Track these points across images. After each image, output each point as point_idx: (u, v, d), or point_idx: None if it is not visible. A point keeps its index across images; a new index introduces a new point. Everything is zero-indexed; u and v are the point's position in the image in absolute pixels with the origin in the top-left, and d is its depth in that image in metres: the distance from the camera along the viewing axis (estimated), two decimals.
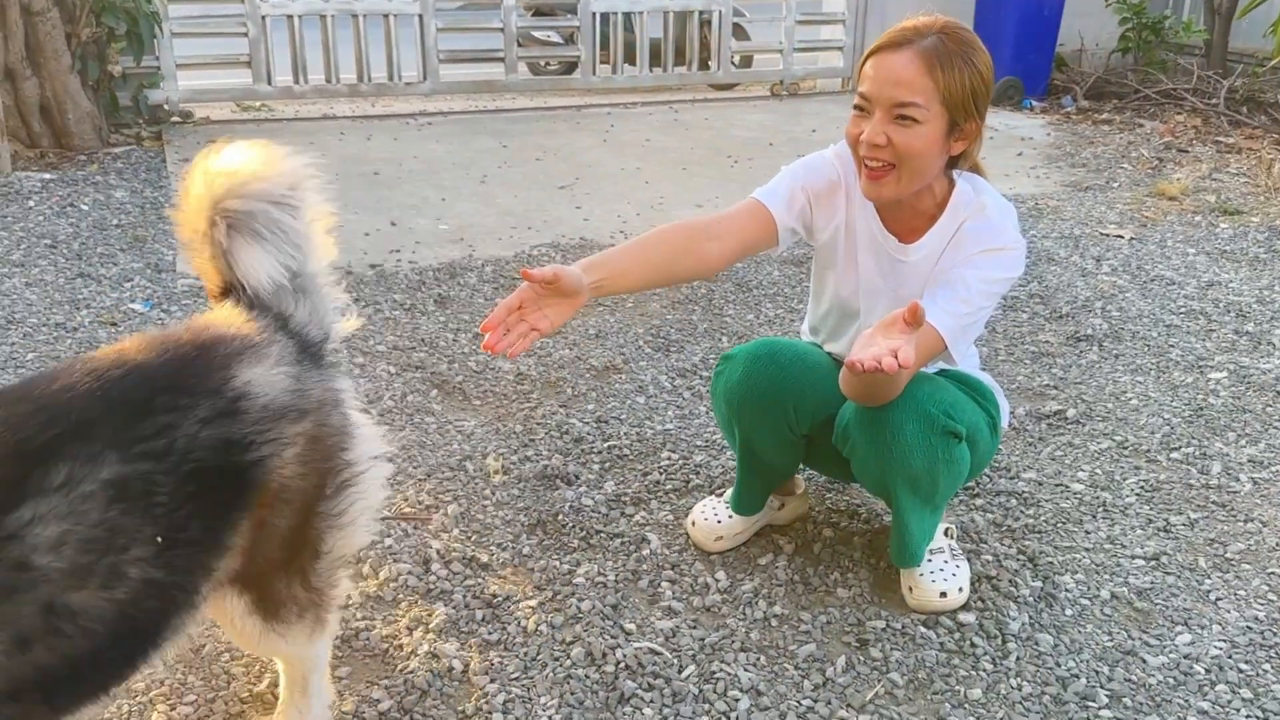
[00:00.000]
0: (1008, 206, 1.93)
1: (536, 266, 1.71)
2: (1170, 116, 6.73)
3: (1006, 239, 1.87)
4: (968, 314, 1.84)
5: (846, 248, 2.01)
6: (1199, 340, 3.37)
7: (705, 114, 6.93)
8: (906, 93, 1.75)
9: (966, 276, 1.84)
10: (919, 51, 1.76)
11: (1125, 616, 2.04)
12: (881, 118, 1.78)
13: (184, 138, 5.83)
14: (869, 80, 1.80)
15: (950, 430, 1.84)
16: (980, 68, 1.79)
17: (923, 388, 1.85)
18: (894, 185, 1.82)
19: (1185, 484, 2.52)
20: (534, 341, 1.70)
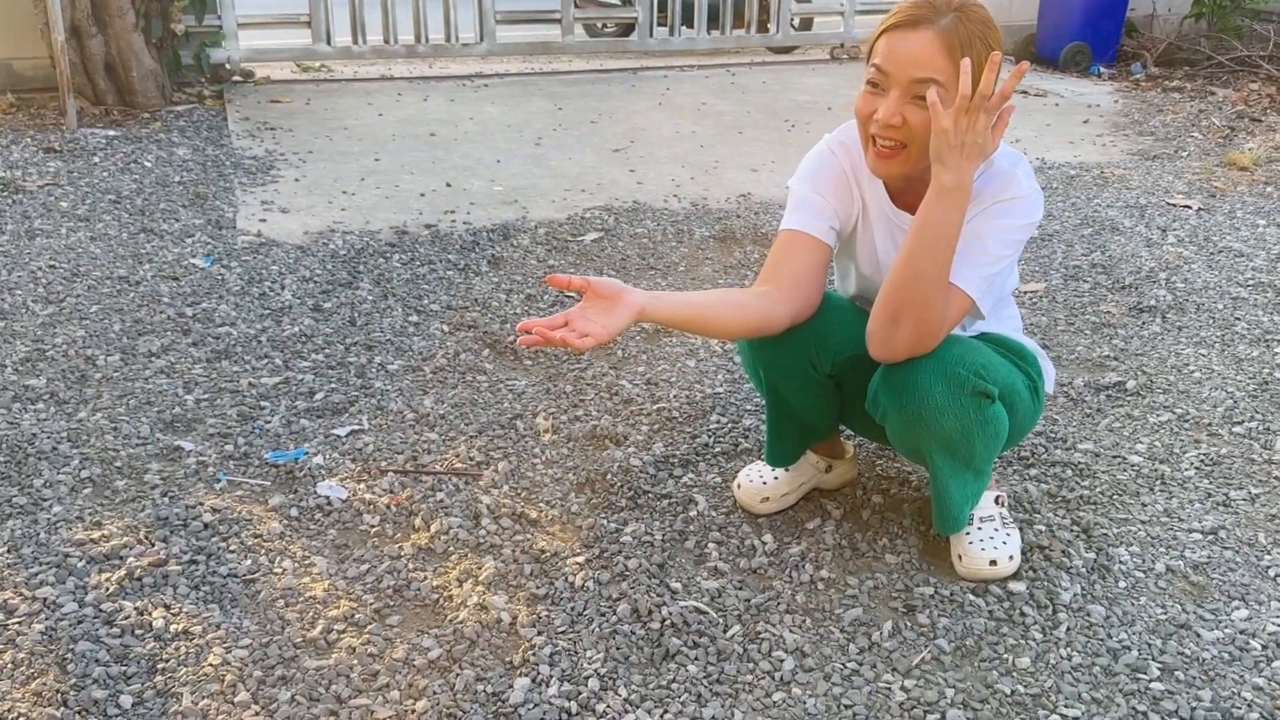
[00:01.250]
0: (1016, 155, 1.88)
1: (564, 274, 1.60)
2: (1244, 84, 6.52)
3: (1018, 187, 1.82)
4: (989, 265, 1.80)
5: (864, 231, 1.98)
6: (1266, 314, 3.28)
7: (763, 77, 6.85)
8: (926, 70, 1.70)
9: (982, 230, 1.80)
10: (939, 32, 1.71)
11: (1180, 590, 2.00)
12: (898, 96, 1.73)
13: (245, 97, 5.91)
14: (884, 56, 1.75)
15: (981, 390, 1.80)
16: (995, 46, 1.75)
17: (952, 350, 1.81)
18: (902, 163, 1.79)
19: (1247, 458, 2.47)
20: (588, 346, 1.58)
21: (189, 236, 3.73)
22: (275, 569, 2.00)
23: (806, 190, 1.94)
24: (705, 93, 6.37)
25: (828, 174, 1.95)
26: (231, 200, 4.13)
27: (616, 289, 1.65)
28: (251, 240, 3.71)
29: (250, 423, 2.53)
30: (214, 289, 3.29)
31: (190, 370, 2.78)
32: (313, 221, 3.93)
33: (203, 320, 3.07)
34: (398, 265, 3.53)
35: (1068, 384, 2.81)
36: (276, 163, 4.66)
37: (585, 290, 1.63)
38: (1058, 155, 5.07)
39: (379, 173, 4.56)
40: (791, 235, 1.92)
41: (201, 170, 4.50)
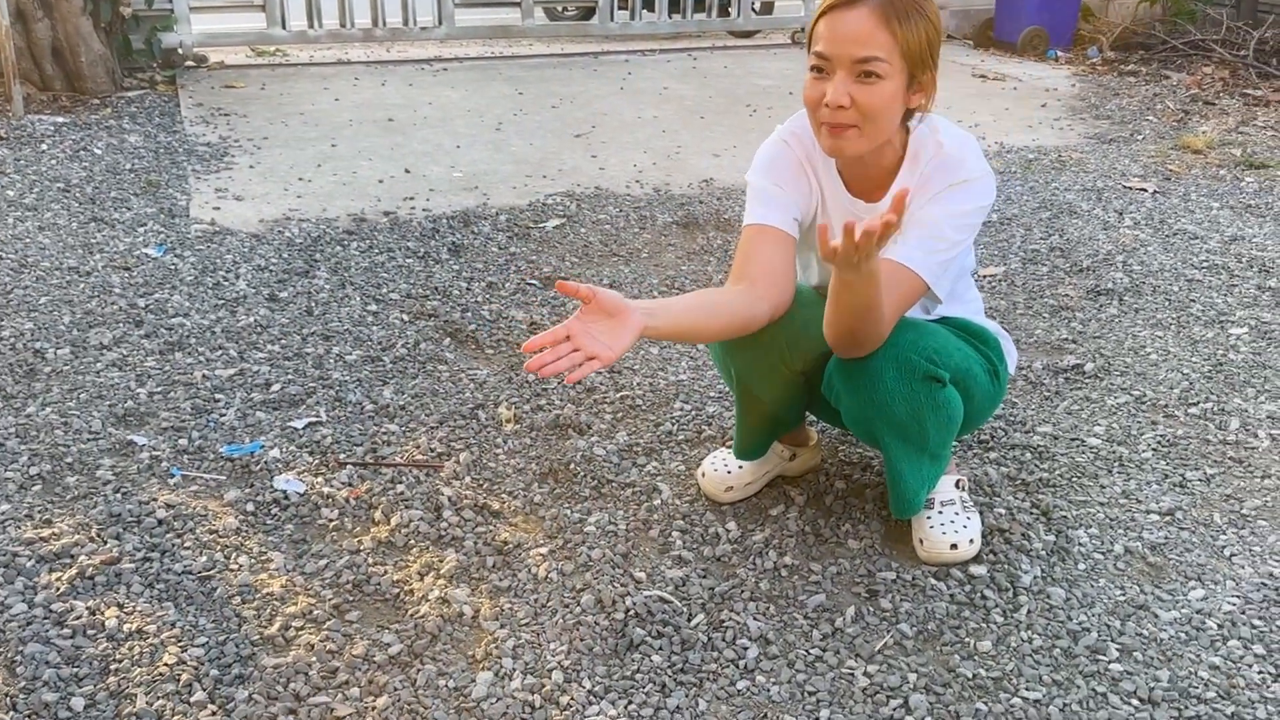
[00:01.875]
0: (966, 137, 1.88)
1: (572, 282, 1.55)
2: (1197, 68, 6.60)
3: (968, 170, 1.82)
4: (943, 250, 1.81)
5: (823, 220, 1.97)
6: (1220, 295, 3.32)
7: (725, 61, 6.83)
8: (868, 48, 1.70)
9: (934, 214, 1.81)
10: (873, 7, 1.71)
11: (1138, 571, 2.02)
12: (844, 77, 1.73)
13: (198, 82, 5.80)
14: (825, 40, 1.74)
15: (932, 375, 1.81)
16: (932, 18, 1.75)
17: (905, 335, 1.82)
18: (857, 141, 1.78)
19: (1203, 439, 2.50)
20: (595, 369, 1.55)
21: (141, 225, 3.66)
22: (231, 565, 1.97)
23: (765, 183, 1.93)
24: (667, 77, 6.34)
25: (784, 165, 1.94)
26: (185, 188, 4.06)
27: (619, 305, 1.60)
28: (205, 229, 3.64)
29: (205, 416, 2.48)
30: (167, 279, 3.23)
31: (143, 363, 2.72)
32: (268, 209, 3.87)
33: (155, 311, 3.01)
34: (355, 253, 3.48)
35: (1027, 367, 2.83)
36: (231, 149, 4.58)
37: (590, 301, 1.58)
38: (1016, 139, 5.10)
39: (336, 159, 4.50)
40: (757, 230, 1.90)
41: (154, 158, 4.41)
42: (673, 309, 1.73)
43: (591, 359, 1.55)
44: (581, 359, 1.55)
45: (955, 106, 5.63)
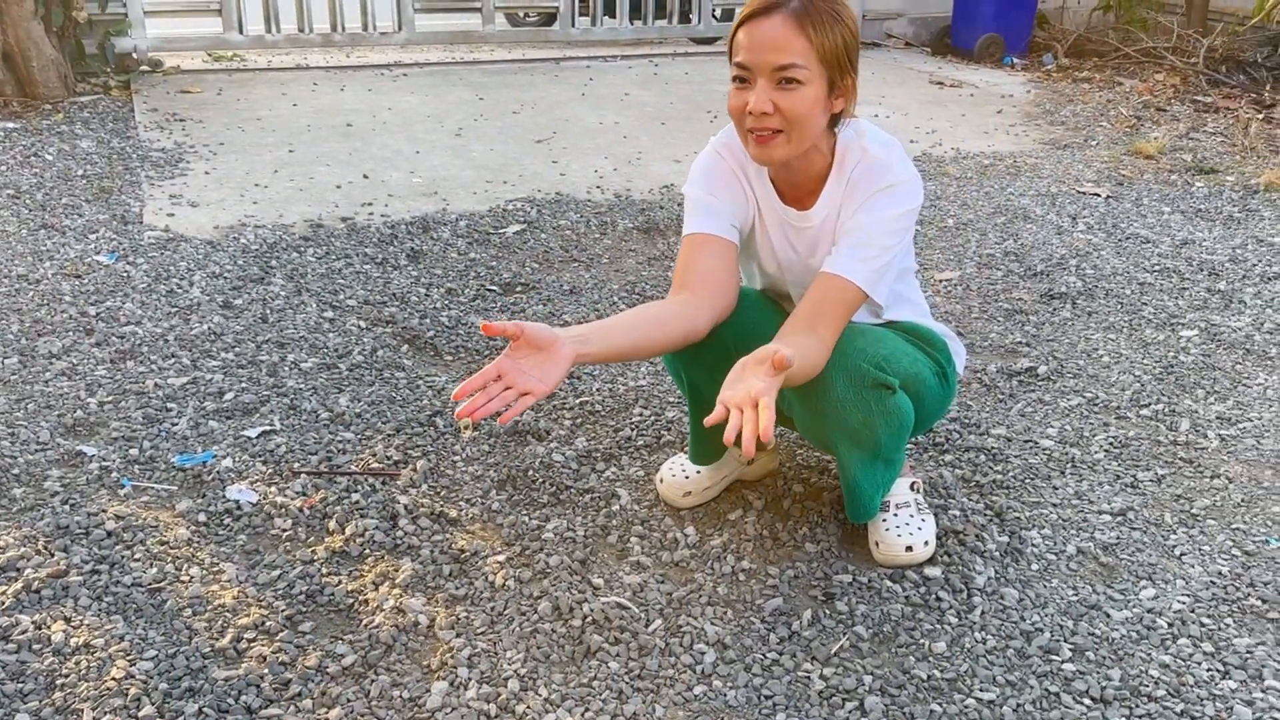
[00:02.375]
0: (891, 141, 1.91)
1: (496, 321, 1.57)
2: (1149, 75, 6.71)
3: (894, 174, 1.85)
4: (876, 257, 1.83)
5: (760, 230, 2.00)
6: (1171, 298, 3.37)
7: (686, 68, 6.85)
8: (785, 55, 1.73)
9: (865, 221, 1.83)
10: (788, 14, 1.73)
11: (1090, 571, 2.05)
12: (765, 85, 1.75)
13: (153, 87, 5.73)
14: (744, 49, 1.76)
15: (881, 383, 1.82)
16: (848, 22, 1.78)
17: (854, 343, 1.83)
18: (785, 147, 1.80)
19: (1154, 440, 2.53)
20: (529, 405, 1.57)
21: (92, 232, 3.60)
22: (182, 577, 1.94)
23: (701, 194, 1.94)
24: (628, 83, 6.35)
25: (718, 175, 1.95)
26: (138, 194, 4.00)
27: (549, 338, 1.61)
28: (159, 235, 3.60)
29: (156, 425, 2.45)
30: (119, 287, 3.18)
31: (93, 372, 2.68)
32: (223, 215, 3.82)
33: (106, 319, 2.97)
34: (312, 259, 3.45)
35: (981, 370, 2.86)
36: (186, 155, 4.52)
37: (518, 337, 1.58)
38: (972, 145, 5.16)
39: (293, 165, 4.46)
40: (695, 238, 1.91)
41: (106, 163, 4.35)
42: (607, 332, 1.73)
43: (525, 395, 1.57)
44: (514, 396, 1.56)
45: (913, 113, 5.68)
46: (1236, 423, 2.62)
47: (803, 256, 1.97)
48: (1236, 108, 5.91)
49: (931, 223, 4.03)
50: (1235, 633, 1.88)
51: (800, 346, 1.70)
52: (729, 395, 1.54)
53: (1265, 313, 3.27)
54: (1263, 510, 2.26)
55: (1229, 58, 6.90)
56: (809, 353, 1.73)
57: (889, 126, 5.16)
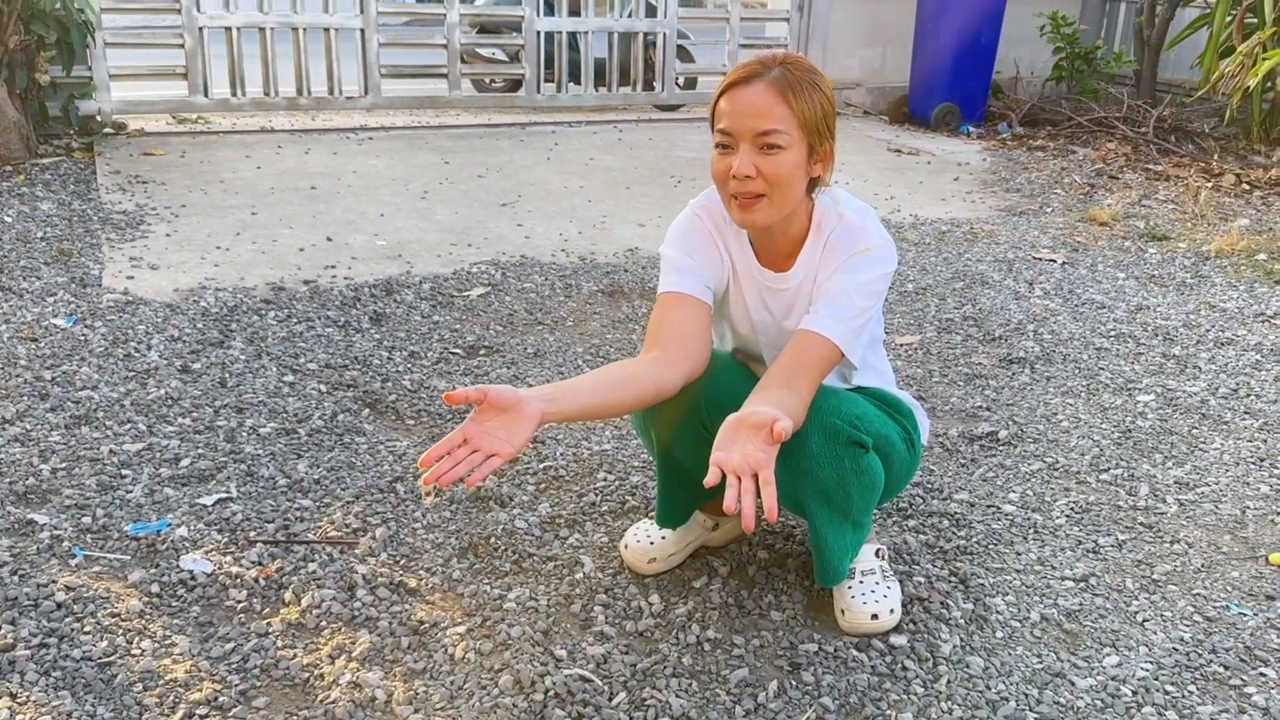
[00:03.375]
0: (865, 208, 1.97)
1: (459, 389, 1.56)
2: (1102, 144, 6.89)
3: (869, 239, 1.90)
4: (854, 318, 1.87)
5: (735, 292, 2.03)
6: (1128, 363, 3.43)
7: (649, 134, 6.95)
8: (767, 121, 1.78)
9: (843, 283, 1.87)
10: (769, 82, 1.80)
11: (1054, 638, 2.05)
12: (747, 149, 1.80)
13: (116, 150, 5.71)
14: (727, 116, 1.82)
15: (855, 440, 1.84)
16: (825, 91, 1.85)
17: (829, 401, 1.86)
18: (767, 211, 1.84)
19: (1114, 505, 2.55)
20: (496, 467, 1.57)
21: (50, 295, 3.56)
22: (133, 650, 1.89)
23: (677, 254, 1.98)
24: (593, 148, 6.42)
25: (695, 237, 1.99)
26: (98, 257, 3.97)
27: (513, 399, 1.61)
28: (117, 299, 3.56)
29: (110, 493, 2.40)
30: (75, 350, 3.14)
31: (47, 437, 2.63)
32: (184, 278, 3.79)
33: (62, 384, 2.92)
34: (273, 323, 3.43)
35: (943, 434, 2.88)
36: (147, 217, 4.50)
37: (481, 402, 1.59)
38: (930, 211, 5.25)
39: (256, 227, 4.44)
40: (669, 296, 1.94)
41: (67, 225, 4.31)
42: (576, 390, 1.73)
43: (491, 456, 1.57)
44: (481, 459, 1.56)
45: (871, 180, 5.78)
46: (1195, 487, 2.65)
47: (777, 318, 2.00)
48: (1187, 176, 6.08)
49: (892, 287, 4.08)
50: (1199, 700, 1.88)
51: (783, 403, 1.72)
52: (725, 459, 1.55)
53: (1220, 377, 3.32)
54: (1222, 575, 2.28)
55: (1178, 128, 7.11)
56: (790, 409, 1.74)
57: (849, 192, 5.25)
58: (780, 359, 1.85)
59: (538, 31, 6.95)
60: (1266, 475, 2.72)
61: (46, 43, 5.39)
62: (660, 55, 7.36)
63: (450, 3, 6.68)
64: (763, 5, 8.33)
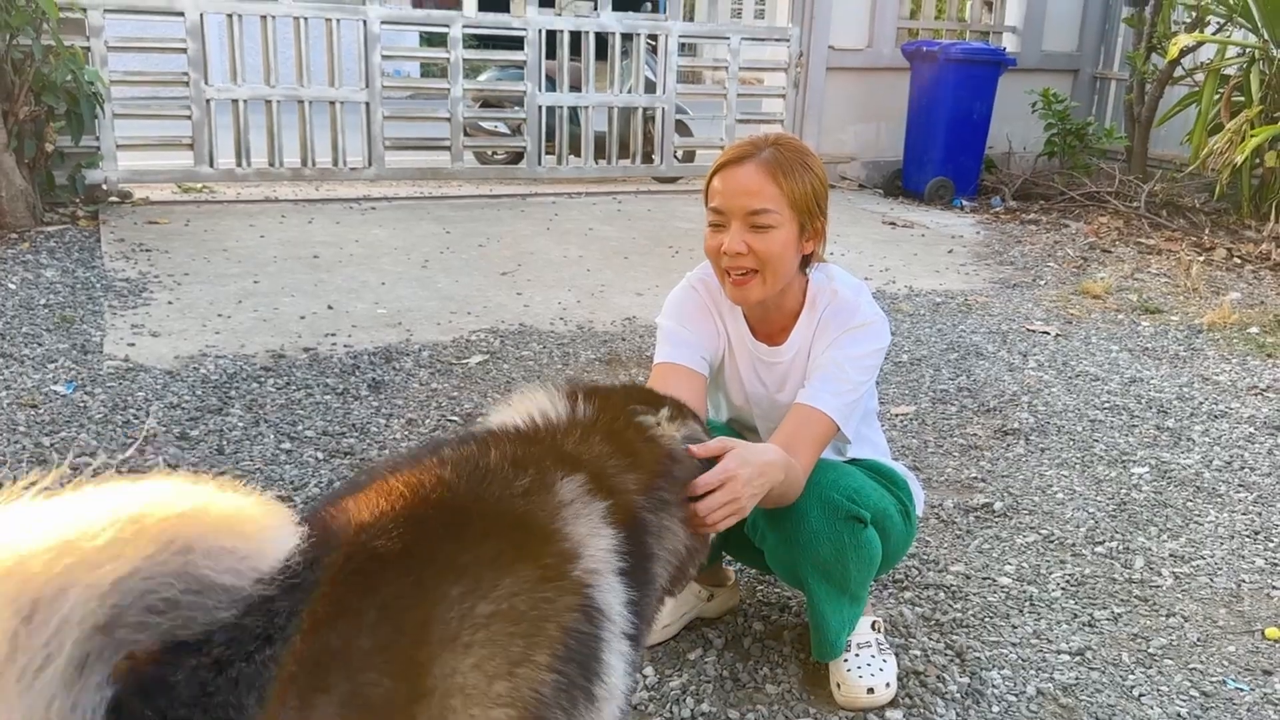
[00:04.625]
0: (858, 284, 2.01)
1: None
2: (1094, 218, 6.99)
3: (863, 315, 1.94)
4: (849, 392, 1.90)
5: (730, 364, 2.07)
6: (1122, 435, 3.45)
7: (648, 205, 7.05)
8: (758, 200, 1.84)
9: (837, 359, 1.91)
10: (760, 163, 1.86)
11: (1051, 713, 2.03)
12: (739, 227, 1.85)
13: (121, 218, 5.79)
14: (720, 195, 1.88)
15: (854, 515, 1.86)
16: (816, 170, 1.90)
17: (826, 475, 1.88)
18: (760, 287, 1.89)
19: (1109, 578, 2.55)
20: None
21: (51, 362, 3.58)
22: None
23: (673, 325, 2.01)
24: (592, 219, 6.51)
25: (692, 309, 2.02)
26: (100, 324, 4.00)
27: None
28: (118, 365, 3.58)
29: None
30: (75, 417, 3.15)
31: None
32: (184, 345, 3.82)
33: (61, 450, 2.93)
34: (272, 390, 3.45)
35: (938, 505, 2.88)
36: (150, 285, 4.55)
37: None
38: (924, 283, 5.31)
39: (257, 295, 4.49)
40: (665, 366, 1.97)
41: (70, 293, 4.36)
42: None
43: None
44: None
45: (866, 252, 5.86)
46: (1190, 560, 2.65)
47: (770, 391, 2.03)
48: (1178, 250, 6.16)
49: (887, 358, 4.12)
50: None
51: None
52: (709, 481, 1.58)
53: (1214, 450, 3.34)
54: (1218, 649, 2.28)
55: (1169, 202, 7.22)
56: (794, 476, 1.77)
57: (844, 264, 5.31)
58: (778, 433, 1.87)
59: (539, 106, 7.09)
60: (1261, 549, 2.72)
61: (56, 113, 5.50)
62: (659, 129, 7.50)
63: (454, 78, 6.82)
64: (759, 82, 8.50)
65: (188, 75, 6.17)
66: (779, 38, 7.78)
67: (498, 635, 1.09)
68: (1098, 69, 8.82)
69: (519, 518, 1.21)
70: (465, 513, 1.19)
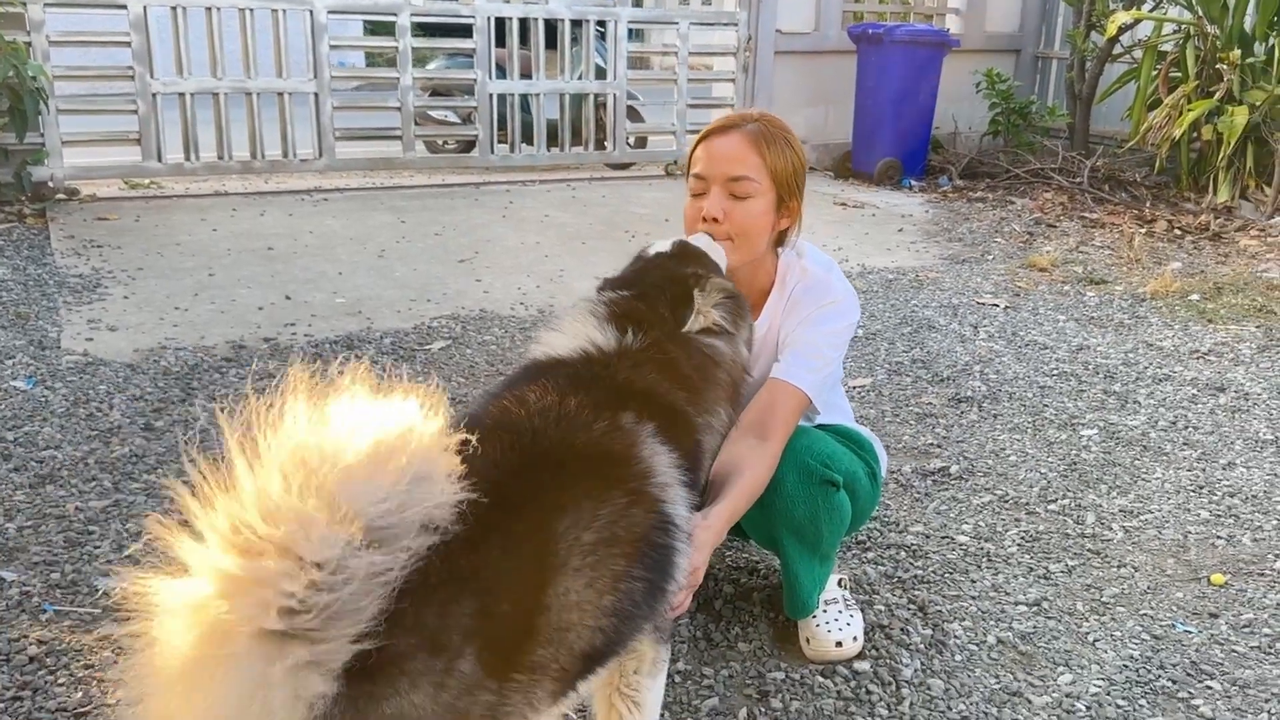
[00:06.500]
0: (828, 261, 2.08)
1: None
2: (1039, 194, 7.14)
3: (834, 292, 2.01)
4: (822, 367, 1.97)
5: None
6: (1071, 400, 3.56)
7: (602, 191, 7.08)
8: (740, 167, 1.91)
9: (810, 335, 1.98)
10: (745, 133, 1.93)
11: (1011, 660, 2.12)
12: (718, 193, 1.92)
13: (69, 215, 5.71)
14: (702, 161, 1.95)
15: (828, 479, 1.92)
16: (797, 150, 1.98)
17: (801, 440, 1.94)
18: (733, 254, 1.94)
19: (1063, 534, 2.65)
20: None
21: (9, 358, 3.55)
22: (109, 700, 1.89)
23: None
24: (548, 206, 6.54)
25: None
26: (55, 320, 3.97)
27: None
28: (77, 360, 3.56)
29: (78, 549, 2.40)
30: (36, 411, 3.14)
31: (11, 497, 2.62)
32: (143, 339, 3.81)
33: (24, 444, 2.92)
34: (234, 380, 3.45)
35: (897, 471, 2.97)
36: (104, 280, 4.51)
37: None
38: (876, 261, 5.42)
39: (214, 287, 4.47)
40: None
41: (23, 290, 4.31)
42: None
43: None
44: None
45: (819, 232, 5.95)
46: (1138, 515, 2.76)
47: None
48: (1121, 223, 6.32)
49: None
50: (1149, 713, 1.97)
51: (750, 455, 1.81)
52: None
53: (1159, 411, 3.47)
54: (1167, 596, 2.38)
55: (1111, 177, 7.40)
56: (758, 461, 1.83)
57: None
58: (753, 407, 1.92)
59: (491, 94, 7.09)
60: (1206, 502, 2.84)
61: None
62: (611, 115, 7.54)
63: (403, 66, 6.80)
64: (708, 68, 8.57)
65: (133, 69, 6.09)
66: (727, 22, 7.84)
67: (604, 558, 1.32)
68: (1039, 48, 8.99)
69: (603, 455, 1.41)
70: (560, 458, 1.39)
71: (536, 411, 1.45)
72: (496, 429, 1.40)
